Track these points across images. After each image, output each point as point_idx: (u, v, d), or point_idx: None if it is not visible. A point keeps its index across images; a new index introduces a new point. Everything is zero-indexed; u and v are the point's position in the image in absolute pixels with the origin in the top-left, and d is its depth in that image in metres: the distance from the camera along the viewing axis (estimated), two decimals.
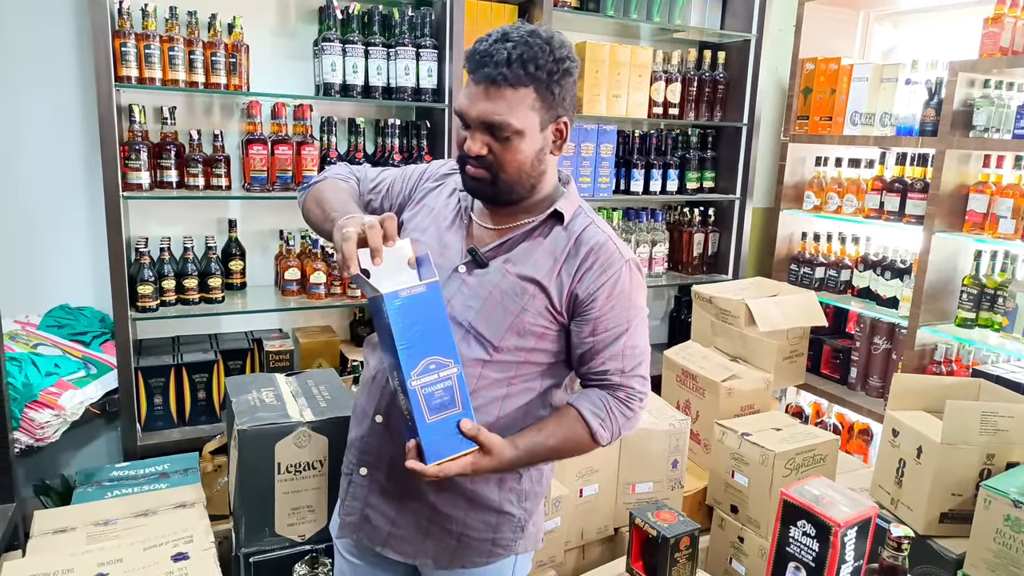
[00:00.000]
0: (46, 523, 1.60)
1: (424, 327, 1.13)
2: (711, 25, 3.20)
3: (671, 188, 3.22)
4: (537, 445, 1.27)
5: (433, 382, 1.14)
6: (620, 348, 1.31)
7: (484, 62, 1.20)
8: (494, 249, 1.32)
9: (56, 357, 2.17)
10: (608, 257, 1.30)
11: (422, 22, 2.59)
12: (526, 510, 1.40)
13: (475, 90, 1.22)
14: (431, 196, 1.43)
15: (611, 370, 1.32)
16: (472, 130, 1.25)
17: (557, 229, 1.32)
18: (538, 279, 1.29)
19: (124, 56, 2.19)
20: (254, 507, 1.58)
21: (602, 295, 1.29)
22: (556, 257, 1.30)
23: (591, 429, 1.30)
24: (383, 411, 1.33)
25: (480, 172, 1.26)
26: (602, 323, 1.30)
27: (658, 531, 1.94)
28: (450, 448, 1.17)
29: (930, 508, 1.99)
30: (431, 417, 1.15)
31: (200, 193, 2.41)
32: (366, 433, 1.37)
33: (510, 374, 1.31)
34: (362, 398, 1.40)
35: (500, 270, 1.30)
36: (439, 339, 1.15)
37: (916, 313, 2.80)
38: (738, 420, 2.40)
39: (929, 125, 2.78)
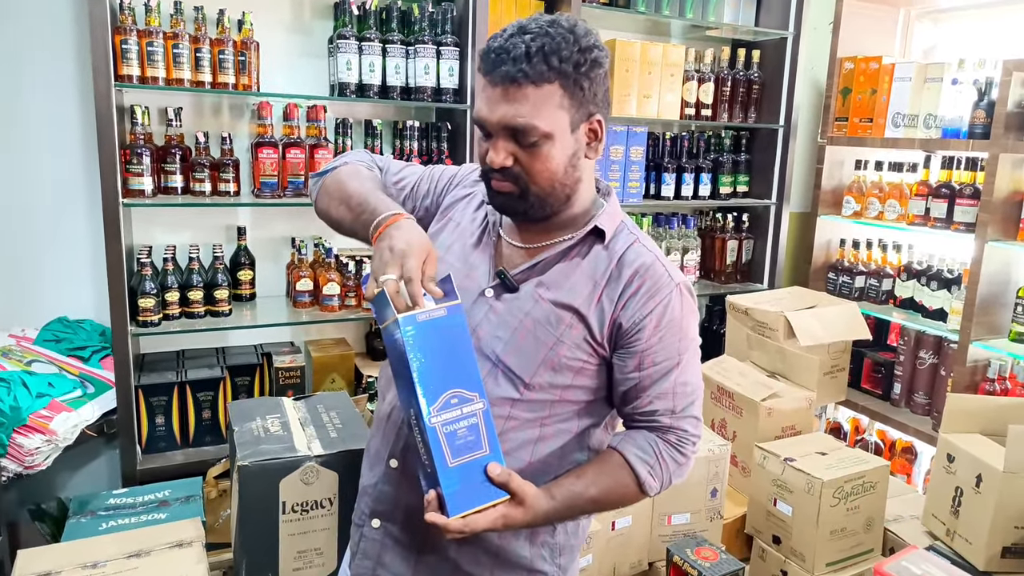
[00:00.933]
0: (29, 565, 1.45)
1: (445, 356, 0.99)
2: (745, 22, 3.07)
3: (703, 193, 3.08)
4: (576, 496, 1.11)
5: (455, 419, 0.99)
6: (670, 385, 1.15)
7: (500, 60, 1.05)
8: (525, 271, 1.16)
9: (50, 376, 2.03)
10: (656, 281, 1.14)
11: (443, 18, 2.45)
12: (560, 567, 1.23)
13: (494, 93, 1.07)
14: (458, 208, 1.29)
15: (660, 410, 1.15)
16: (494, 139, 1.09)
17: (597, 248, 1.17)
18: (576, 306, 1.13)
19: (125, 54, 2.06)
20: (256, 550, 1.44)
21: (650, 324, 1.12)
22: (596, 281, 1.15)
23: (639, 478, 1.14)
24: (399, 455, 1.18)
25: (507, 186, 1.11)
26: (649, 356, 1.13)
27: (699, 571, 1.79)
28: (476, 498, 1.00)
29: (991, 542, 1.86)
30: (454, 461, 0.99)
31: (207, 200, 2.28)
32: (380, 479, 1.21)
33: (543, 414, 1.15)
34: (376, 438, 1.24)
35: (532, 295, 1.15)
36: (462, 370, 1.00)
37: (967, 327, 2.63)
38: (779, 443, 2.25)
39: (979, 127, 2.63)
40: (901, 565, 1.26)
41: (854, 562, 2.08)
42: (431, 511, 1.00)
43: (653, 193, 3.01)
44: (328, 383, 2.51)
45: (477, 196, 1.28)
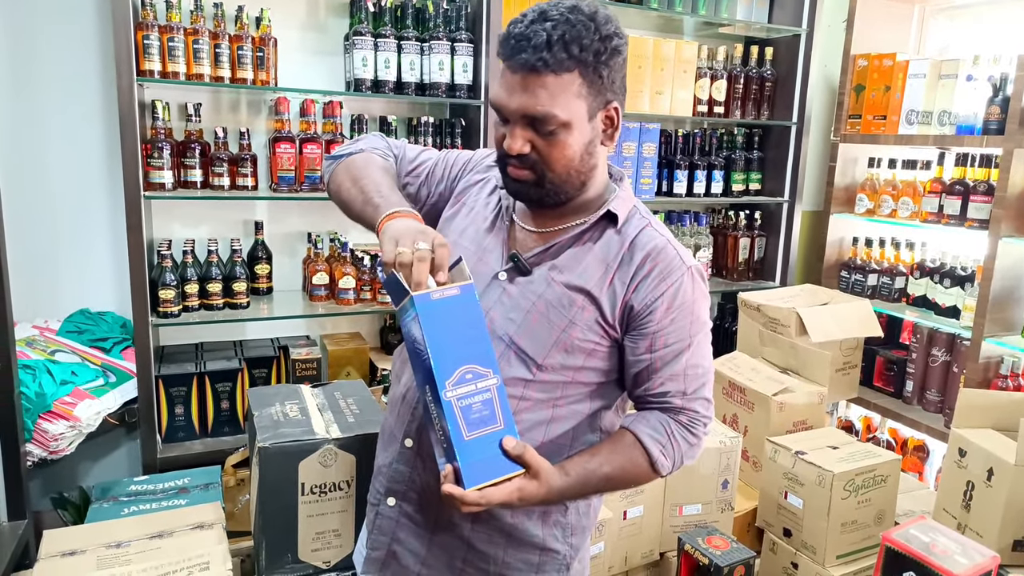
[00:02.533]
0: (55, 544, 1.49)
1: (458, 333, 1.01)
2: (759, 19, 3.07)
3: (716, 190, 3.09)
4: (590, 473, 1.12)
5: (470, 393, 1.01)
6: (681, 367, 1.16)
7: (521, 47, 1.05)
8: (538, 255, 1.18)
9: (73, 364, 2.07)
10: (668, 263, 1.15)
11: (457, 14, 2.48)
12: (572, 546, 1.25)
13: (513, 80, 1.07)
14: (472, 193, 1.30)
15: (671, 392, 1.17)
16: (512, 125, 1.10)
17: (610, 232, 1.18)
18: (588, 289, 1.15)
19: (147, 49, 2.10)
20: (276, 530, 1.47)
21: (661, 306, 1.14)
22: (608, 264, 1.16)
23: (651, 457, 1.15)
24: (414, 434, 1.20)
25: (524, 173, 1.12)
26: (661, 338, 1.14)
27: (710, 559, 1.81)
28: (492, 471, 1.02)
29: (1002, 535, 1.86)
30: (469, 434, 1.00)
31: (225, 193, 2.32)
32: (395, 459, 1.23)
33: (555, 395, 1.17)
34: (391, 419, 1.26)
35: (545, 278, 1.16)
36: (475, 346, 1.02)
37: (980, 324, 2.62)
38: (790, 437, 2.26)
39: (994, 123, 2.62)
40: (909, 532, 1.27)
41: (865, 555, 2.09)
42: (448, 484, 1.01)
43: (665, 190, 3.02)
44: (343, 376, 2.54)
45: (491, 181, 1.29)
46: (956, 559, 1.20)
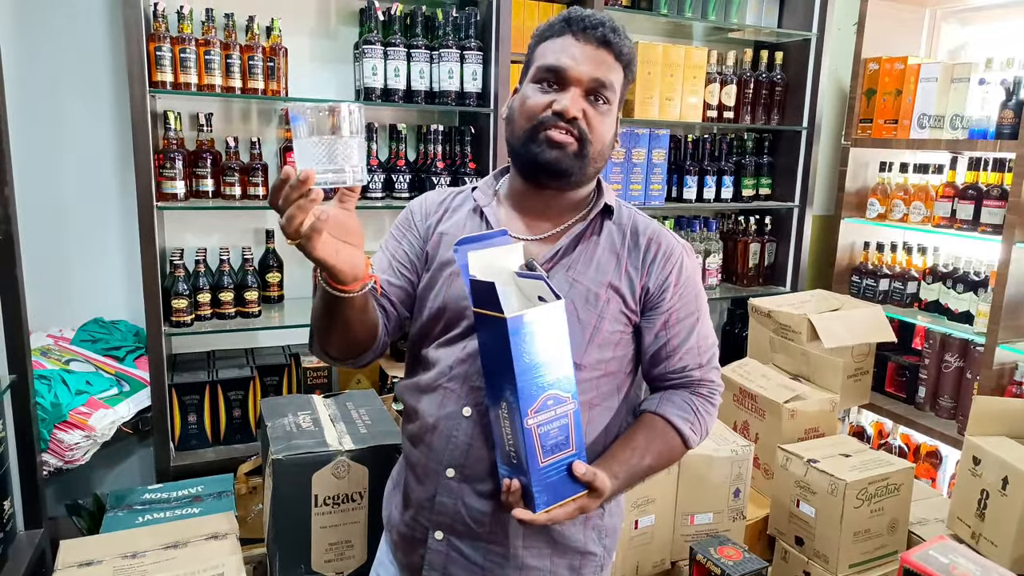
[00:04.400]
0: (72, 554, 1.51)
1: (544, 356, 1.00)
2: (768, 24, 3.07)
3: (726, 195, 3.09)
4: (635, 467, 1.16)
5: (550, 420, 1.01)
6: (695, 340, 1.23)
7: (595, 24, 1.13)
8: (550, 259, 1.19)
9: (88, 374, 2.09)
10: (668, 245, 1.23)
11: (467, 23, 2.48)
12: (606, 548, 1.28)
13: (583, 49, 1.13)
14: (443, 225, 1.27)
15: (690, 365, 1.23)
16: (571, 89, 1.13)
17: (608, 224, 1.23)
18: (609, 281, 1.19)
19: (159, 60, 2.11)
20: (289, 542, 1.47)
21: (672, 284, 1.21)
22: (618, 254, 1.21)
23: (683, 436, 1.21)
24: (456, 464, 1.18)
25: (569, 139, 1.14)
26: (674, 315, 1.21)
27: (723, 570, 1.80)
28: (561, 494, 1.04)
29: (1017, 545, 1.85)
30: (545, 459, 1.01)
31: (237, 203, 2.33)
32: (437, 492, 1.20)
33: (592, 395, 1.19)
34: (422, 452, 1.22)
35: (565, 280, 1.18)
36: (559, 370, 1.02)
37: (994, 330, 2.61)
38: (802, 445, 2.25)
39: (1007, 128, 2.61)
40: (929, 554, 1.26)
41: (878, 564, 2.08)
42: (517, 506, 1.03)
43: (675, 196, 3.02)
44: (354, 383, 2.55)
45: (460, 208, 1.28)
46: None
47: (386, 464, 1.31)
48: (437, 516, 1.20)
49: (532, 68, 1.18)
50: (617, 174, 2.82)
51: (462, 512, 1.18)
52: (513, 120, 1.20)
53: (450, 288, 1.19)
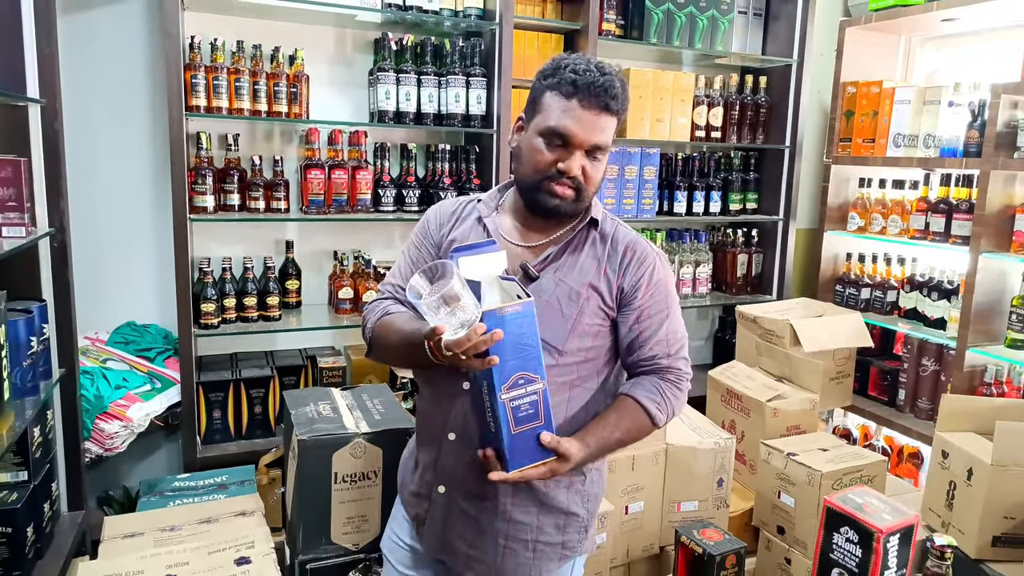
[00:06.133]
0: (116, 528, 1.68)
1: (517, 343, 1.20)
2: (753, 50, 3.25)
3: (714, 209, 3.26)
4: (605, 439, 1.35)
5: (521, 396, 1.21)
6: (664, 333, 1.42)
7: (600, 92, 1.30)
8: (541, 263, 1.39)
9: (124, 371, 2.28)
10: (642, 251, 1.42)
11: (472, 52, 2.69)
12: (589, 511, 1.48)
13: (588, 116, 1.31)
14: (454, 233, 1.47)
15: (659, 354, 1.42)
16: (574, 151, 1.32)
17: (593, 234, 1.43)
18: (590, 281, 1.39)
19: (194, 87, 2.32)
20: (312, 515, 1.64)
21: (643, 284, 1.40)
22: (599, 259, 1.41)
23: (650, 414, 1.39)
24: (457, 428, 1.38)
25: (569, 192, 1.34)
26: (646, 311, 1.40)
27: (704, 549, 1.95)
28: (530, 458, 1.24)
29: (982, 532, 1.96)
30: (516, 429, 1.22)
31: (261, 215, 2.52)
32: (441, 453, 1.41)
33: (572, 376, 1.39)
34: (431, 418, 1.44)
35: (553, 280, 1.38)
36: (530, 356, 1.22)
37: (964, 334, 2.76)
38: (784, 440, 2.40)
39: (973, 146, 2.77)
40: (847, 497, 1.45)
41: None
42: (494, 469, 1.24)
43: (666, 210, 3.20)
44: (365, 383, 2.72)
45: (467, 217, 1.48)
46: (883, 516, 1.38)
47: (398, 446, 1.49)
48: (440, 474, 1.41)
49: (538, 117, 1.35)
50: (611, 189, 3.01)
51: (460, 470, 1.38)
52: (521, 161, 1.39)
53: None
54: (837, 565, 1.44)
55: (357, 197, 2.60)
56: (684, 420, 2.42)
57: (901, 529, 1.36)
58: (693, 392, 3.26)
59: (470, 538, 1.41)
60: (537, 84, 1.37)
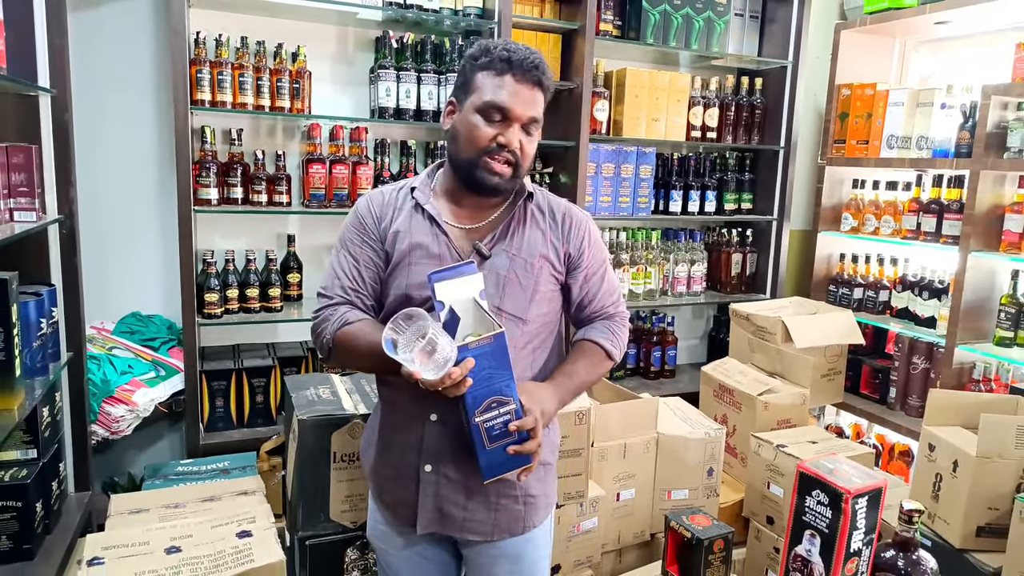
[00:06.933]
0: (122, 505, 1.74)
1: (490, 372, 1.26)
2: (749, 52, 3.31)
3: (709, 209, 3.31)
4: (572, 381, 1.48)
5: (493, 418, 1.29)
6: (607, 286, 1.57)
7: (530, 67, 1.37)
8: (491, 242, 1.45)
9: (129, 359, 2.33)
10: (577, 217, 1.53)
11: None
12: (555, 457, 1.61)
13: (523, 90, 1.37)
14: (395, 224, 1.48)
15: (607, 304, 1.57)
16: (511, 126, 1.38)
17: (530, 207, 1.50)
18: (540, 252, 1.47)
19: (199, 82, 2.38)
20: (311, 494, 1.69)
21: (586, 248, 1.51)
22: (543, 229, 1.49)
23: (605, 349, 1.54)
24: (437, 410, 1.43)
25: (507, 168, 1.40)
26: (590, 270, 1.53)
27: (692, 533, 2.00)
28: (503, 469, 1.33)
29: (966, 522, 2.01)
30: (490, 445, 1.30)
31: (263, 209, 2.58)
32: (423, 434, 1.45)
33: (535, 341, 1.49)
34: (405, 405, 1.47)
35: (506, 255, 1.45)
36: (502, 381, 1.29)
37: (953, 332, 2.81)
38: (774, 433, 2.44)
39: (964, 147, 2.82)
40: (819, 463, 1.50)
41: None
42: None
43: (662, 209, 3.25)
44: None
45: (402, 208, 1.49)
46: (852, 479, 1.43)
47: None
48: (426, 454, 1.46)
49: (472, 96, 1.40)
50: (607, 188, 3.07)
51: (446, 447, 1.44)
52: (458, 141, 1.43)
53: (409, 277, 1.43)
54: (809, 527, 1.49)
55: (358, 192, 2.65)
56: (676, 412, 2.48)
57: (869, 491, 1.42)
58: (686, 387, 3.30)
59: (462, 502, 1.46)
60: (467, 66, 1.42)
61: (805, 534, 1.50)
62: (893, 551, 1.45)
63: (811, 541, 1.50)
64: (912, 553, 1.43)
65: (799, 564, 1.55)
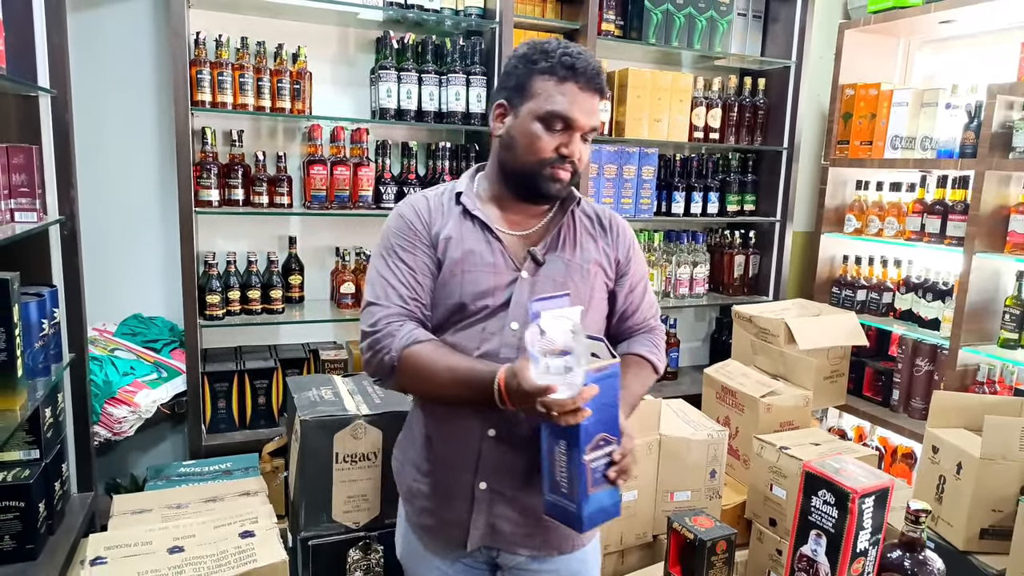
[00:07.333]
0: (125, 505, 1.74)
1: (601, 404, 1.18)
2: (752, 52, 3.30)
3: (711, 210, 3.30)
4: (634, 402, 1.46)
5: (599, 457, 1.21)
6: (649, 298, 1.55)
7: (593, 74, 1.32)
8: (543, 248, 1.41)
9: (132, 361, 2.33)
10: (621, 223, 1.52)
11: (472, 51, 2.75)
12: None
13: (585, 98, 1.32)
14: (445, 231, 1.41)
15: (648, 316, 1.56)
16: (572, 134, 1.34)
17: (577, 212, 1.47)
18: (594, 258, 1.45)
19: (199, 83, 2.38)
20: (314, 493, 1.69)
21: (632, 254, 1.50)
22: (593, 235, 1.47)
23: (653, 364, 1.52)
24: (496, 425, 1.37)
25: (567, 176, 1.37)
26: (635, 279, 1.51)
27: (695, 535, 1.99)
28: (604, 517, 1.25)
29: (970, 524, 2.00)
30: (593, 488, 1.21)
31: (265, 210, 2.58)
32: (481, 449, 1.38)
33: None
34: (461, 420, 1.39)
35: (561, 261, 1.41)
36: (612, 417, 1.22)
37: (957, 334, 2.80)
38: (776, 435, 2.43)
39: (969, 148, 2.80)
40: (826, 462, 1.50)
41: None
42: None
43: (664, 210, 3.24)
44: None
45: (449, 213, 1.42)
46: (858, 479, 1.42)
47: (398, 428, 1.52)
48: (483, 471, 1.39)
49: (531, 103, 1.32)
50: (609, 189, 3.06)
51: (504, 464, 1.38)
52: (514, 149, 1.35)
53: (464, 285, 1.36)
54: (815, 527, 1.49)
55: (359, 194, 2.65)
56: (678, 413, 2.47)
57: (876, 491, 1.41)
58: (689, 389, 3.29)
59: (515, 518, 1.41)
60: (521, 68, 1.34)
61: (811, 534, 1.50)
62: (899, 551, 1.44)
63: (817, 541, 1.49)
64: (919, 553, 1.42)
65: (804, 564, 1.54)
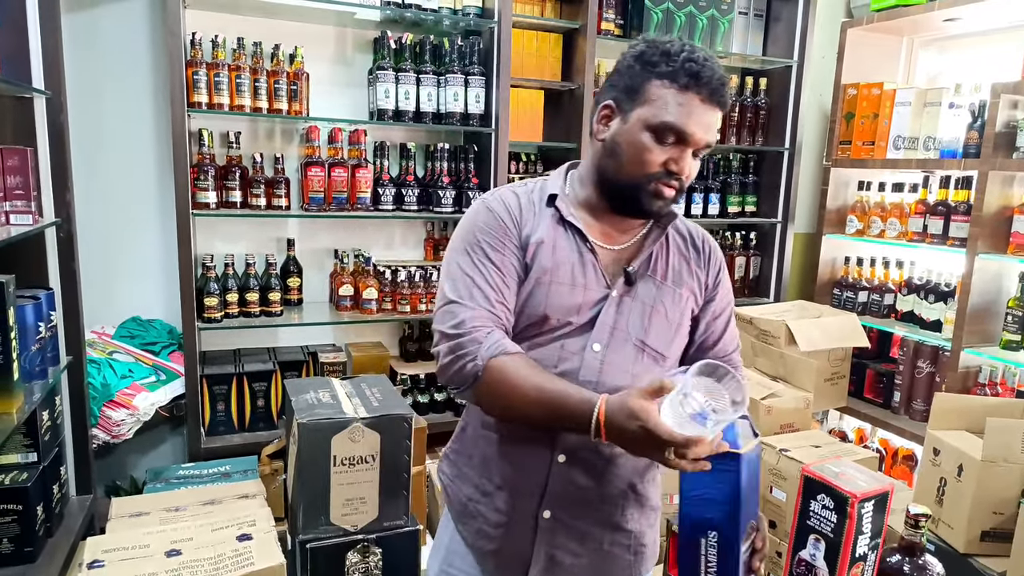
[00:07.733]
0: (123, 508, 1.73)
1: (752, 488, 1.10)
2: (753, 52, 3.28)
3: (713, 211, 3.29)
4: None
5: (747, 549, 1.14)
6: (732, 330, 1.39)
7: (718, 85, 1.17)
8: (637, 266, 1.30)
9: (130, 363, 2.33)
10: (713, 244, 1.38)
11: (470, 51, 2.74)
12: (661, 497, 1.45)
13: (707, 112, 1.17)
14: (536, 235, 1.29)
15: (731, 350, 1.37)
16: (687, 149, 1.19)
17: (670, 230, 1.34)
18: (687, 282, 1.32)
19: (196, 84, 2.37)
20: (311, 497, 1.68)
21: (722, 281, 1.36)
22: (686, 257, 1.34)
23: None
24: (567, 449, 1.27)
25: (673, 193, 1.23)
26: (720, 305, 1.36)
27: None
28: None
29: (971, 526, 2.00)
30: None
31: (262, 212, 2.57)
32: (550, 476, 1.28)
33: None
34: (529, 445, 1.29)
35: (653, 283, 1.30)
36: (753, 502, 1.12)
37: (959, 335, 2.78)
38: (777, 437, 2.42)
39: (972, 148, 2.78)
40: (824, 466, 1.48)
41: None
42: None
43: None
44: None
45: (541, 216, 1.30)
46: (858, 483, 1.41)
47: (395, 431, 1.52)
48: (549, 499, 1.28)
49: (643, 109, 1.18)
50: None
51: (572, 493, 1.28)
52: (618, 157, 1.22)
53: (550, 296, 1.25)
54: (814, 531, 1.47)
55: (357, 195, 2.64)
56: None
57: (875, 495, 1.39)
58: None
59: (576, 548, 1.33)
60: (637, 68, 1.20)
61: (809, 538, 1.48)
62: (899, 556, 1.43)
63: (815, 545, 1.48)
64: (918, 557, 1.41)
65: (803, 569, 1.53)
